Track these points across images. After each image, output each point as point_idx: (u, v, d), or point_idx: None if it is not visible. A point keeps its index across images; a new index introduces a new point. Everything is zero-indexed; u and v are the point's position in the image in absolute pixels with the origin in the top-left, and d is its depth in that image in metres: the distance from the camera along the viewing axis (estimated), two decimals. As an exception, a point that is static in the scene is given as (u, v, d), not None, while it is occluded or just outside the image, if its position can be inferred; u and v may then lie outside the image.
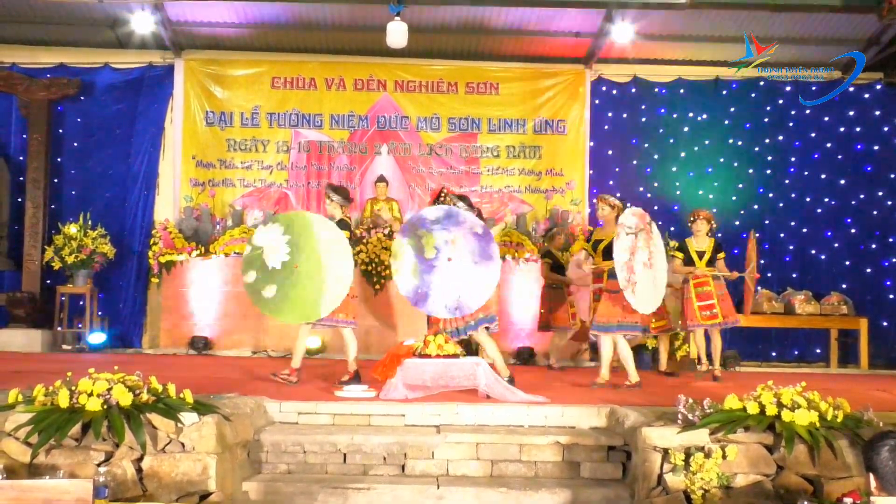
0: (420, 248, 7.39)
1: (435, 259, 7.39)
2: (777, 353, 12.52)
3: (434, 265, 7.38)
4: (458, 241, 7.42)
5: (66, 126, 12.82)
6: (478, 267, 7.38)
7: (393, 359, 7.12)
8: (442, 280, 7.35)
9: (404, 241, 7.45)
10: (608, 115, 13.03)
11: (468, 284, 7.33)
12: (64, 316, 11.78)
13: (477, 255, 7.41)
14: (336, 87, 12.97)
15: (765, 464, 5.07)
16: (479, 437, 5.96)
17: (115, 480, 4.77)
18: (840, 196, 12.83)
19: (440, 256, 7.39)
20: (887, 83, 12.86)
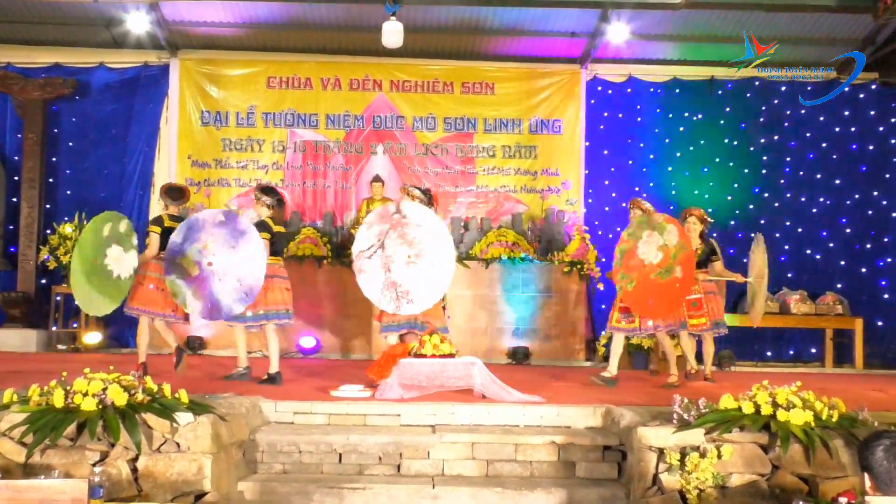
0: (185, 273, 7.59)
1: (201, 272, 7.56)
2: (772, 353, 12.53)
3: (203, 276, 7.56)
4: (208, 241, 7.57)
5: (62, 126, 12.80)
6: (237, 248, 7.53)
7: (388, 359, 7.12)
8: (219, 282, 7.53)
9: (172, 279, 7.64)
10: (604, 115, 13.04)
11: (240, 266, 7.51)
12: (59, 316, 11.76)
13: (231, 240, 7.55)
14: (332, 87, 12.96)
15: (760, 463, 5.08)
16: (475, 436, 5.96)
17: (110, 480, 4.77)
18: (835, 196, 12.84)
19: (202, 266, 7.56)
20: (882, 83, 12.88)
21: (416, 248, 7.73)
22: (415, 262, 7.69)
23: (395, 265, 7.69)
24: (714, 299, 8.81)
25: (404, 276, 7.68)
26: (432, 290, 7.75)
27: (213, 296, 7.54)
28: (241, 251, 7.51)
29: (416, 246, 7.73)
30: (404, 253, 7.71)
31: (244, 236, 7.54)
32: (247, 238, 7.53)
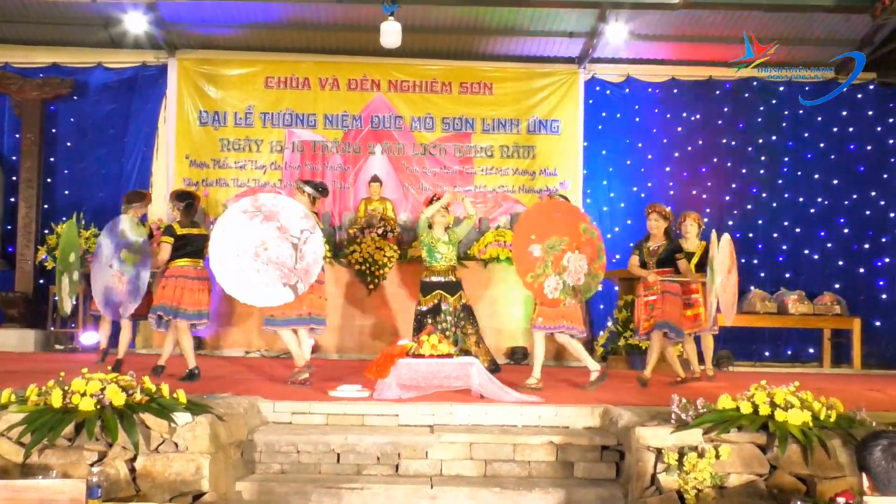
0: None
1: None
2: (770, 353, 12.54)
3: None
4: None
5: (60, 126, 12.81)
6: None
7: (386, 359, 7.11)
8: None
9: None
10: (602, 115, 13.06)
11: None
12: (57, 316, 11.75)
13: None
14: (330, 87, 12.97)
15: (758, 463, 5.08)
16: (473, 436, 5.95)
17: (108, 480, 4.76)
18: (833, 196, 12.86)
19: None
20: (881, 83, 12.91)
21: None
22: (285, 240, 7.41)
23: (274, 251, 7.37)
24: (670, 300, 8.14)
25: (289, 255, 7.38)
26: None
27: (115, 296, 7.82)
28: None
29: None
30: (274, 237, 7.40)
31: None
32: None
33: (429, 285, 8.31)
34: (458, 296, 8.38)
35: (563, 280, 7.54)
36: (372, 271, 11.08)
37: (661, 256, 8.21)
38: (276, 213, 7.39)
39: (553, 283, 7.53)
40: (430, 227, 8.35)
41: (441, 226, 8.34)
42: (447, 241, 8.29)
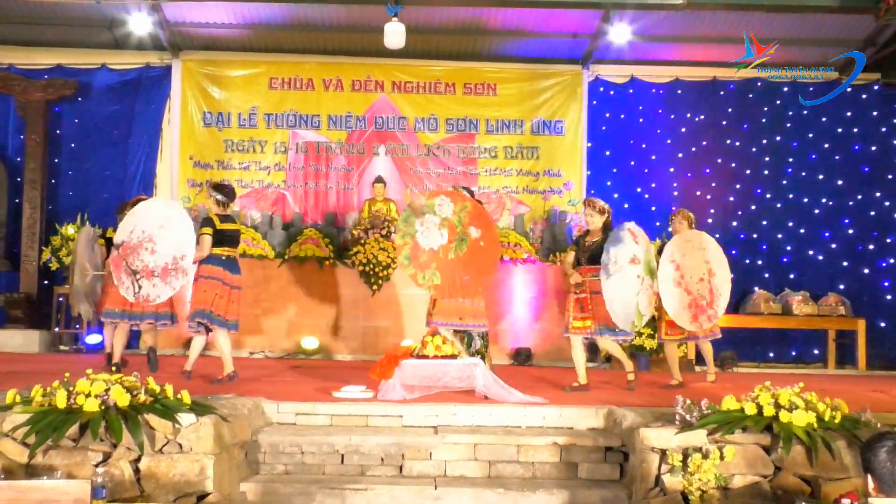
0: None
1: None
2: (774, 354, 12.52)
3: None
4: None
5: (64, 127, 12.82)
6: None
7: (391, 359, 7.11)
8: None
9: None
10: (605, 116, 13.04)
11: None
12: (61, 317, 11.77)
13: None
14: (334, 88, 12.97)
15: (762, 465, 5.08)
16: (477, 437, 5.96)
17: (112, 481, 4.77)
18: (837, 197, 12.83)
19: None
20: (884, 83, 12.88)
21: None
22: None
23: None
24: (599, 301, 7.56)
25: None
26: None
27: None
28: None
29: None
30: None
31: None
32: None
33: None
34: None
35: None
36: (376, 272, 11.08)
37: (592, 252, 7.79)
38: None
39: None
40: None
41: None
42: None
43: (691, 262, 8.27)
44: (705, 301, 8.24)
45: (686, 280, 8.19)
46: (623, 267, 7.47)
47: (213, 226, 7.73)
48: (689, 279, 8.20)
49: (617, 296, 7.40)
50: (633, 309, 7.48)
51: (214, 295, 7.68)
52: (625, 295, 7.45)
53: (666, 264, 8.17)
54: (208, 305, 7.65)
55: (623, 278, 7.44)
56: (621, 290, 7.43)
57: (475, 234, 7.85)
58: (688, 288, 8.18)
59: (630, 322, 7.47)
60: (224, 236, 7.78)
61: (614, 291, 7.38)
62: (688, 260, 8.26)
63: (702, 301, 8.22)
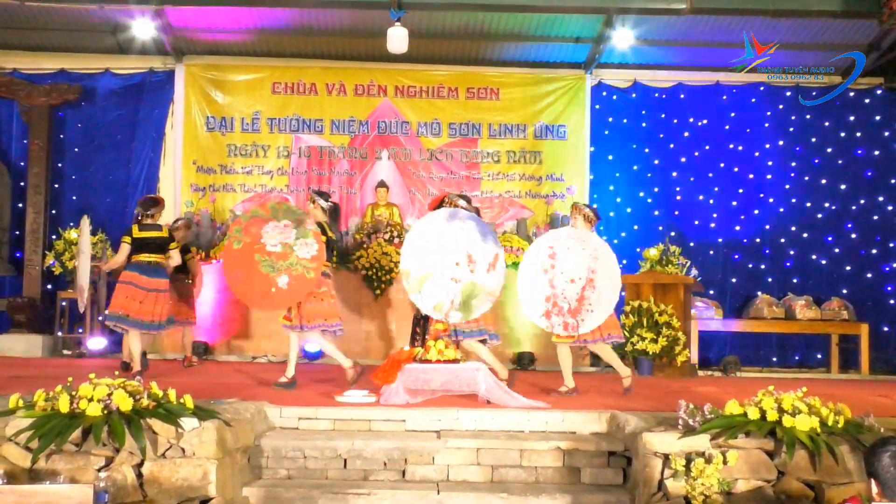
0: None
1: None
2: (778, 359, 12.52)
3: None
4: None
5: (67, 131, 12.85)
6: None
7: (393, 364, 7.11)
8: None
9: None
10: (608, 121, 13.05)
11: None
12: (64, 321, 11.78)
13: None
14: (337, 93, 12.99)
15: (766, 469, 5.06)
16: (480, 442, 5.95)
17: (115, 485, 4.77)
18: (841, 201, 12.83)
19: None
20: (887, 88, 12.87)
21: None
22: None
23: None
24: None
25: None
26: None
27: None
28: None
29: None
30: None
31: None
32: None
33: None
34: None
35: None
36: (378, 276, 11.08)
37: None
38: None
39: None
40: None
41: None
42: None
43: (572, 259, 7.67)
44: (568, 306, 7.62)
45: (555, 272, 7.66)
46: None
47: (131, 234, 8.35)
48: (559, 273, 7.66)
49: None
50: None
51: (125, 298, 8.20)
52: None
53: (542, 247, 7.77)
54: (122, 309, 8.18)
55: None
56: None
57: (281, 283, 7.52)
58: (553, 282, 7.65)
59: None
60: (143, 243, 8.33)
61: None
62: (569, 255, 7.68)
63: (563, 302, 7.63)
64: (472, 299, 7.58)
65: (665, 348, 10.17)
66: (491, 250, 7.70)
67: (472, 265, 7.61)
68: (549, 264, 7.68)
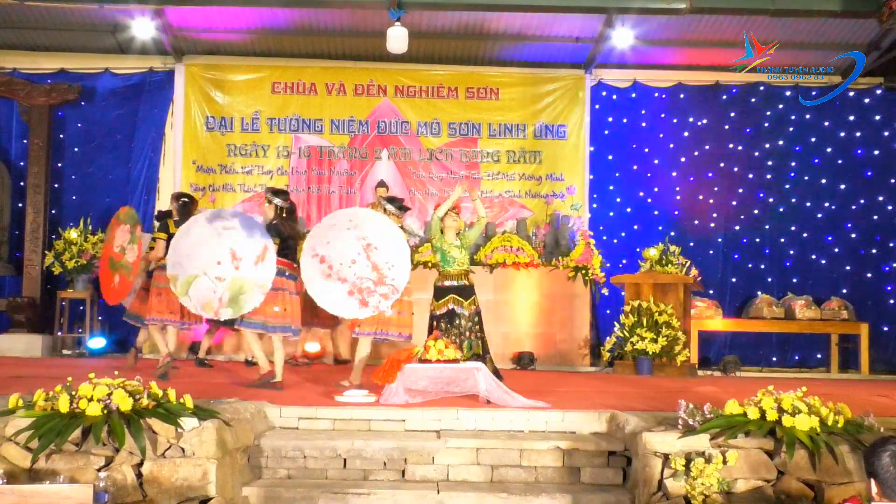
0: None
1: None
2: (777, 359, 12.53)
3: None
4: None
5: (67, 131, 12.84)
6: None
7: (393, 364, 7.11)
8: None
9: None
10: (608, 120, 13.06)
11: None
12: (64, 321, 11.78)
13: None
14: (336, 92, 12.99)
15: (765, 469, 5.07)
16: (480, 442, 5.95)
17: (115, 485, 4.77)
18: (840, 201, 12.83)
19: None
20: (887, 88, 12.88)
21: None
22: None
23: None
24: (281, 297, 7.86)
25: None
26: None
27: None
28: None
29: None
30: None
31: None
32: None
33: (442, 290, 8.18)
34: (472, 300, 8.28)
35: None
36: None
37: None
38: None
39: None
40: (442, 233, 8.29)
41: (452, 230, 8.23)
42: (459, 246, 8.17)
43: (337, 247, 7.62)
44: (372, 280, 7.55)
45: (336, 269, 7.58)
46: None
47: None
48: (338, 267, 7.58)
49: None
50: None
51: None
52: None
53: (308, 260, 7.63)
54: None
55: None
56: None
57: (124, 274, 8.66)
58: (340, 276, 7.58)
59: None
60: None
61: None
62: (333, 247, 7.63)
63: (365, 283, 7.55)
64: (241, 294, 7.57)
65: (665, 348, 10.17)
66: (259, 244, 7.67)
67: (236, 262, 7.61)
68: (325, 268, 7.61)
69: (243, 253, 7.61)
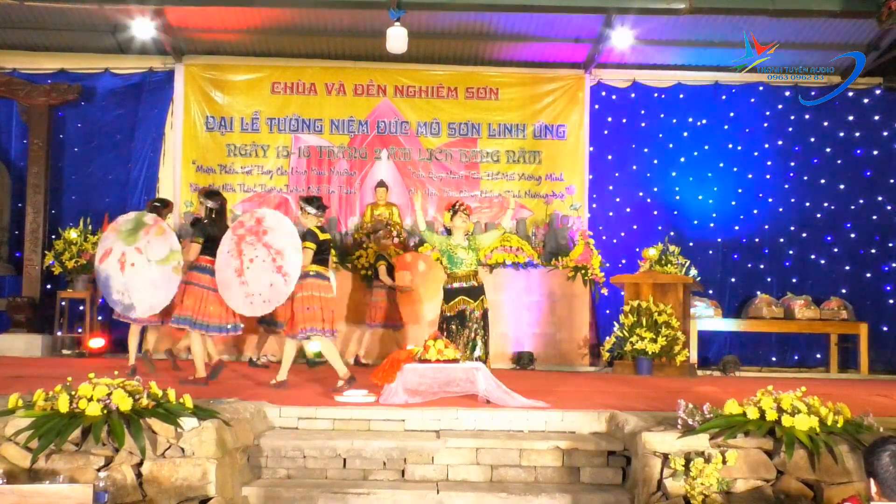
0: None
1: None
2: (777, 358, 12.54)
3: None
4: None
5: (67, 131, 12.85)
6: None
7: (393, 364, 7.11)
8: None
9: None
10: (608, 120, 13.06)
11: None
12: (64, 321, 11.78)
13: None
14: (336, 92, 12.99)
15: (765, 469, 5.07)
16: (479, 442, 5.95)
17: (114, 485, 4.77)
18: (840, 201, 12.84)
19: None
20: (886, 88, 12.89)
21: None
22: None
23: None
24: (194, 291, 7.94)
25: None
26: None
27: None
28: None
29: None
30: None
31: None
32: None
33: (451, 291, 8.13)
34: (481, 300, 8.25)
35: None
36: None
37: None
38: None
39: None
40: (449, 233, 8.26)
41: (461, 231, 8.19)
42: (467, 247, 8.12)
43: (256, 251, 7.60)
44: (267, 285, 7.54)
45: (244, 264, 7.61)
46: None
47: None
48: (246, 263, 7.60)
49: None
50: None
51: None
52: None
53: (227, 258, 7.65)
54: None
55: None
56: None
57: None
58: (243, 273, 7.61)
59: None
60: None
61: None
62: (254, 249, 7.60)
63: (257, 286, 7.59)
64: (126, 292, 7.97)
65: (664, 348, 10.17)
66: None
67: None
68: (236, 261, 7.63)
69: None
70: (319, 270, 7.72)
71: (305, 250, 7.55)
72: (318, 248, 7.64)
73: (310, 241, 7.60)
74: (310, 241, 7.60)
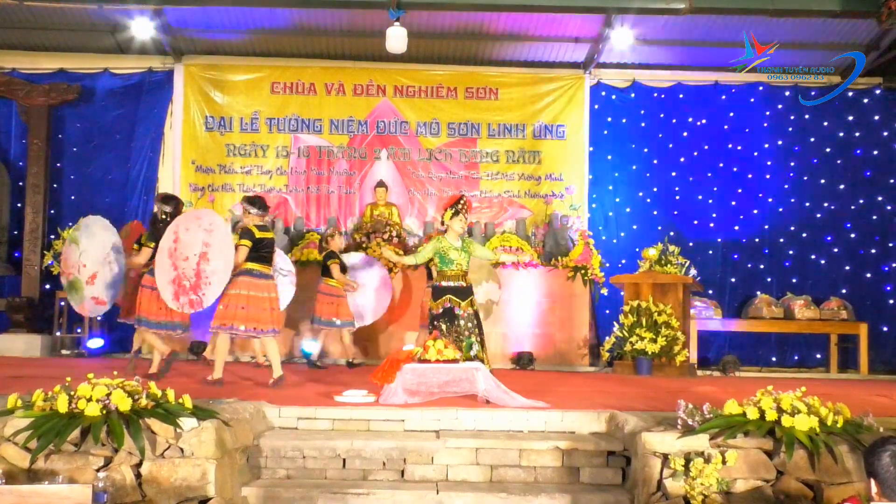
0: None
1: None
2: (777, 359, 12.53)
3: None
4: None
5: (66, 131, 12.85)
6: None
7: (392, 364, 7.10)
8: None
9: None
10: (607, 120, 13.06)
11: None
12: (63, 321, 11.77)
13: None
14: (336, 93, 12.99)
15: (765, 469, 5.06)
16: (479, 442, 5.94)
17: (114, 485, 4.76)
18: (840, 201, 12.84)
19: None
20: (886, 88, 12.89)
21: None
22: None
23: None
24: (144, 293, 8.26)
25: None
26: None
27: None
28: None
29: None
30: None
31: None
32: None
33: (439, 290, 8.16)
34: (469, 301, 8.26)
35: None
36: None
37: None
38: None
39: None
40: (444, 233, 8.26)
41: (456, 232, 8.20)
42: (459, 248, 8.13)
43: (190, 238, 7.80)
44: (189, 282, 7.76)
45: (177, 255, 7.80)
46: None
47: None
48: (179, 254, 7.79)
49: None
50: None
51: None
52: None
53: (168, 234, 7.92)
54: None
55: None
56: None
57: None
58: (175, 263, 7.80)
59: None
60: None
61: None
62: (189, 236, 7.81)
63: (185, 281, 7.77)
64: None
65: (664, 348, 10.16)
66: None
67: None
68: (173, 248, 7.84)
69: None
70: (255, 268, 7.80)
71: (240, 247, 7.70)
72: (253, 246, 7.77)
73: (245, 239, 7.74)
74: (246, 238, 7.74)
